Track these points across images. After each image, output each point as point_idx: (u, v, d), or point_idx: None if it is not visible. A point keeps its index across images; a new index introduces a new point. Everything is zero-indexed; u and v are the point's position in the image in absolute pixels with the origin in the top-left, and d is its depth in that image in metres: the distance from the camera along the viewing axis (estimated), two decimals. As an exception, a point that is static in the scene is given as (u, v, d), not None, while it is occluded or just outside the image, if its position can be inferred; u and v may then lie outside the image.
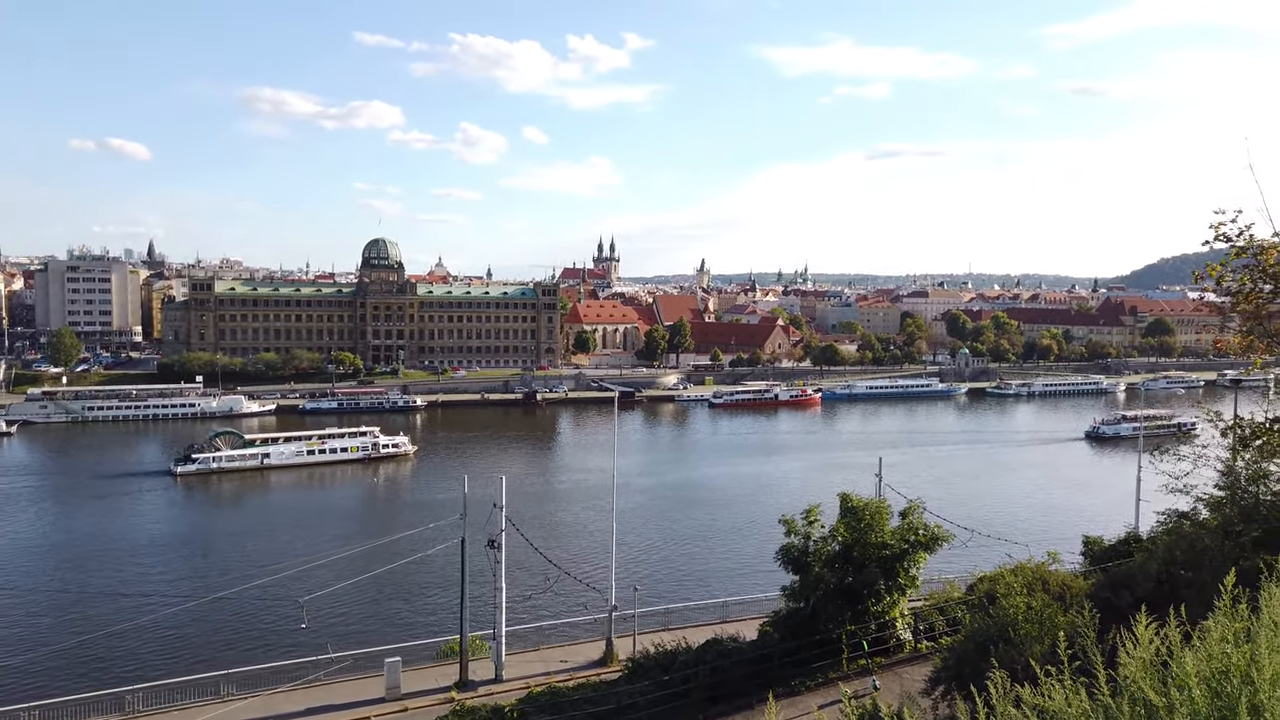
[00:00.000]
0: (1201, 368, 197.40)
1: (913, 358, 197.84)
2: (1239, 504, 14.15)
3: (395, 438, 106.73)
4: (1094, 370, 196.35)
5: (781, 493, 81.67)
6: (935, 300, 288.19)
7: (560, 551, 57.12)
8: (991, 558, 35.20)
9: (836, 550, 26.14)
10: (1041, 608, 14.50)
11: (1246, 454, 14.37)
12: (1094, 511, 68.93)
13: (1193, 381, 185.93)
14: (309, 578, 49.84)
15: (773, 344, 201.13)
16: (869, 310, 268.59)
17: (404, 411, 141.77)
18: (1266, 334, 13.41)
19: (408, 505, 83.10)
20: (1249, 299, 13.07)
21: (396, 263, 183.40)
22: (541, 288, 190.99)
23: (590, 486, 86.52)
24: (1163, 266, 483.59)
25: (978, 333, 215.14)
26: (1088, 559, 29.12)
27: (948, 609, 26.92)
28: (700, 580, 58.15)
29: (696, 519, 75.65)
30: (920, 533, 25.95)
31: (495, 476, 42.51)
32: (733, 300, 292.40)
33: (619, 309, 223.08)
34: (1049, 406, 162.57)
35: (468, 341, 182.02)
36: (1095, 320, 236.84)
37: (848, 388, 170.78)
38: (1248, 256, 12.73)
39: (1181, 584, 11.85)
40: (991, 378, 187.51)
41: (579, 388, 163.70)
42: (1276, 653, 4.27)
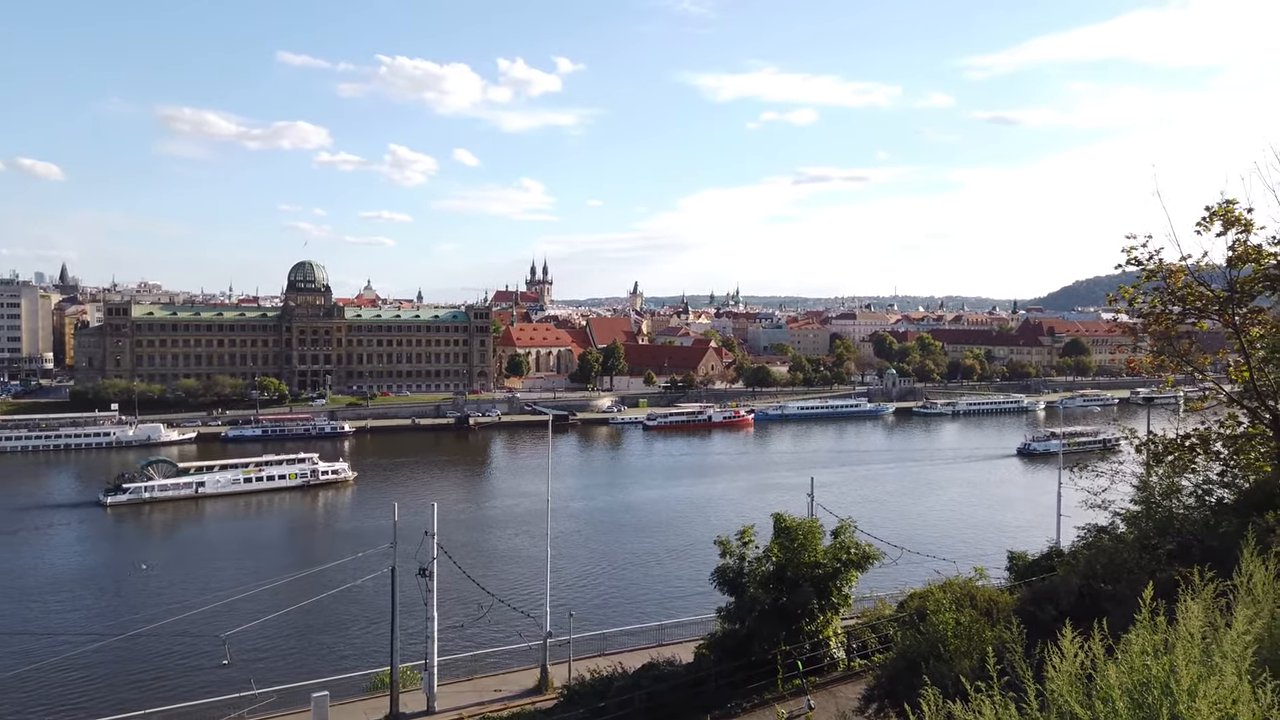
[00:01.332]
0: (1116, 386, 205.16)
1: (842, 378, 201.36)
2: (1154, 518, 14.66)
3: (334, 464, 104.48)
4: (1015, 389, 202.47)
5: (716, 514, 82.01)
6: (863, 322, 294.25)
7: (494, 579, 56.26)
8: (921, 574, 35.82)
9: (771, 571, 26.28)
10: (970, 623, 14.77)
11: (1160, 469, 14.91)
12: (1018, 527, 70.85)
13: (1108, 399, 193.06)
14: (232, 611, 48.04)
15: (706, 366, 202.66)
16: (799, 332, 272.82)
17: (331, 438, 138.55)
18: (1176, 354, 13.99)
19: (339, 534, 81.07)
20: (1159, 320, 13.64)
21: (323, 286, 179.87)
22: (474, 311, 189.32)
23: (524, 511, 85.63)
24: (1078, 289, 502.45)
25: (904, 353, 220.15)
26: (1012, 574, 29.85)
27: (880, 627, 27.27)
28: (636, 604, 57.87)
29: (632, 542, 75.39)
30: (852, 551, 26.27)
31: (427, 503, 41.73)
32: (666, 323, 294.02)
33: (552, 332, 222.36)
34: (973, 425, 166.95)
35: (398, 366, 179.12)
36: (1015, 341, 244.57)
37: (779, 408, 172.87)
38: (1158, 279, 13.31)
39: (1102, 597, 12.19)
40: (918, 397, 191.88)
41: (512, 411, 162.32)
42: (1194, 663, 4.39)
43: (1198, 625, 4.67)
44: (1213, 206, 12.52)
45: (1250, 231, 12.45)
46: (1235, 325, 12.77)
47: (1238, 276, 12.74)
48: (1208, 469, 14.38)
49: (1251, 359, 12.83)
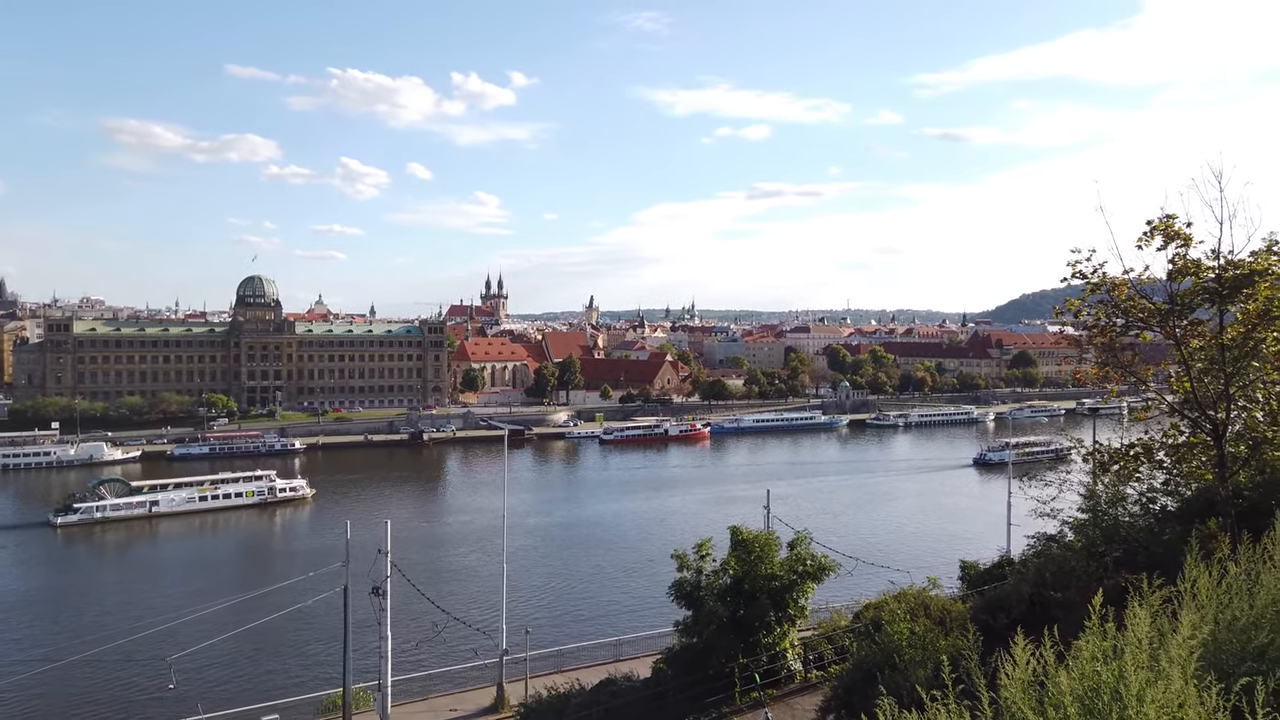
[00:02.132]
0: (1062, 397, 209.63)
1: (797, 391, 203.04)
2: (1101, 526, 14.99)
3: (293, 481, 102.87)
4: (965, 401, 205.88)
5: (673, 527, 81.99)
6: (817, 335, 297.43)
7: (449, 596, 55.57)
8: (876, 585, 36.19)
9: (728, 584, 26.30)
10: (924, 633, 14.91)
11: (1106, 479, 15.26)
12: (970, 537, 71.85)
13: (1055, 410, 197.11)
14: (179, 634, 46.75)
15: (662, 379, 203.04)
16: (754, 345, 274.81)
17: (281, 455, 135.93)
18: (1120, 365, 14.36)
19: (294, 552, 79.51)
20: (1104, 332, 13.98)
21: (273, 300, 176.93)
22: (428, 325, 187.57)
23: (479, 527, 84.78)
24: (1025, 301, 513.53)
25: (857, 366, 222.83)
26: (965, 583, 30.23)
27: (836, 638, 27.42)
28: (594, 620, 57.54)
29: (589, 557, 75.03)
30: (808, 563, 26.40)
31: (381, 521, 41.10)
32: (622, 336, 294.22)
33: (508, 346, 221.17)
34: (925, 436, 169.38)
35: (350, 381, 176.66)
36: (965, 353, 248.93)
37: (735, 421, 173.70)
38: (1102, 292, 13.66)
39: (1053, 604, 12.41)
40: (871, 409, 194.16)
41: (467, 426, 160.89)
42: (1142, 669, 4.47)
43: (1145, 631, 4.76)
44: (1154, 222, 12.89)
45: (1189, 246, 12.83)
46: (1176, 337, 13.14)
47: (1178, 290, 13.12)
48: (1151, 478, 14.75)
49: (1191, 370, 13.20)
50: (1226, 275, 12.60)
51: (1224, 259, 12.62)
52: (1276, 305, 12.48)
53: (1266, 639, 5.35)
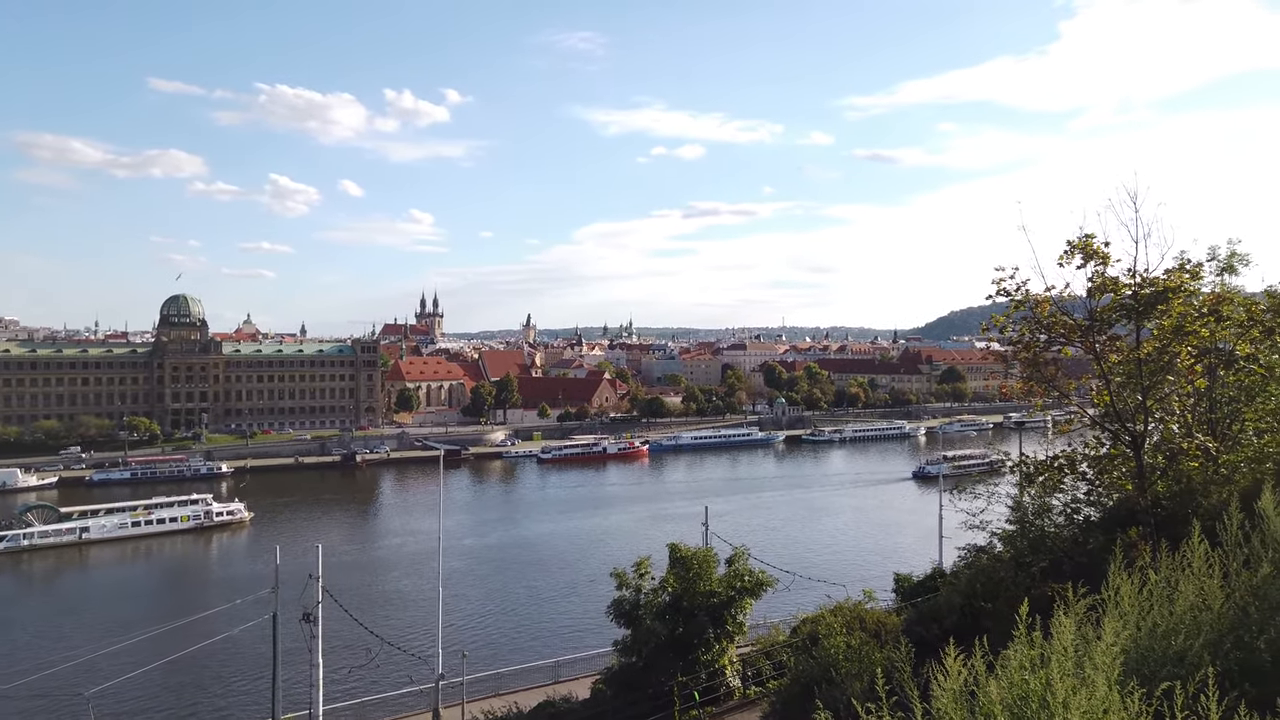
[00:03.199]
0: (990, 411, 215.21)
1: (734, 408, 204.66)
2: (1028, 537, 15.34)
3: (230, 504, 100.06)
4: (898, 416, 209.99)
5: (612, 546, 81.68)
6: (753, 352, 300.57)
7: (383, 622, 54.39)
8: (813, 599, 36.51)
9: (667, 601, 26.25)
10: (860, 645, 15.06)
11: (1032, 490, 15.65)
12: (904, 550, 73.16)
13: (983, 424, 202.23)
14: (98, 668, 44.84)
15: (600, 397, 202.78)
16: (692, 363, 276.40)
17: (207, 479, 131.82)
18: (1043, 379, 14.80)
19: (226, 579, 76.96)
20: (1027, 348, 14.40)
21: (199, 320, 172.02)
22: (361, 344, 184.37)
23: (414, 550, 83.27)
24: (953, 318, 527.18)
25: (793, 383, 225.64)
26: (899, 595, 30.70)
27: (774, 653, 27.54)
28: (532, 641, 56.89)
29: (527, 578, 74.23)
30: (746, 579, 26.50)
31: (311, 545, 40.08)
32: (560, 355, 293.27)
33: (444, 365, 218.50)
34: (859, 451, 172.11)
35: (280, 402, 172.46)
36: (896, 369, 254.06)
37: (674, 439, 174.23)
38: (1025, 309, 14.09)
39: (983, 615, 12.64)
40: (807, 425, 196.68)
41: (402, 447, 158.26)
42: (1068, 676, 4.57)
43: (1070, 639, 4.87)
44: (1074, 241, 13.35)
45: (1108, 264, 13.31)
46: (1096, 352, 13.60)
47: (1097, 306, 13.60)
48: (1075, 488, 15.17)
49: (1111, 384, 13.66)
50: (1142, 292, 13.10)
51: (1140, 277, 13.13)
52: (1189, 321, 13.01)
53: (1185, 643, 5.52)
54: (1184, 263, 13.35)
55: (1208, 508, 11.27)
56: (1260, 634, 5.93)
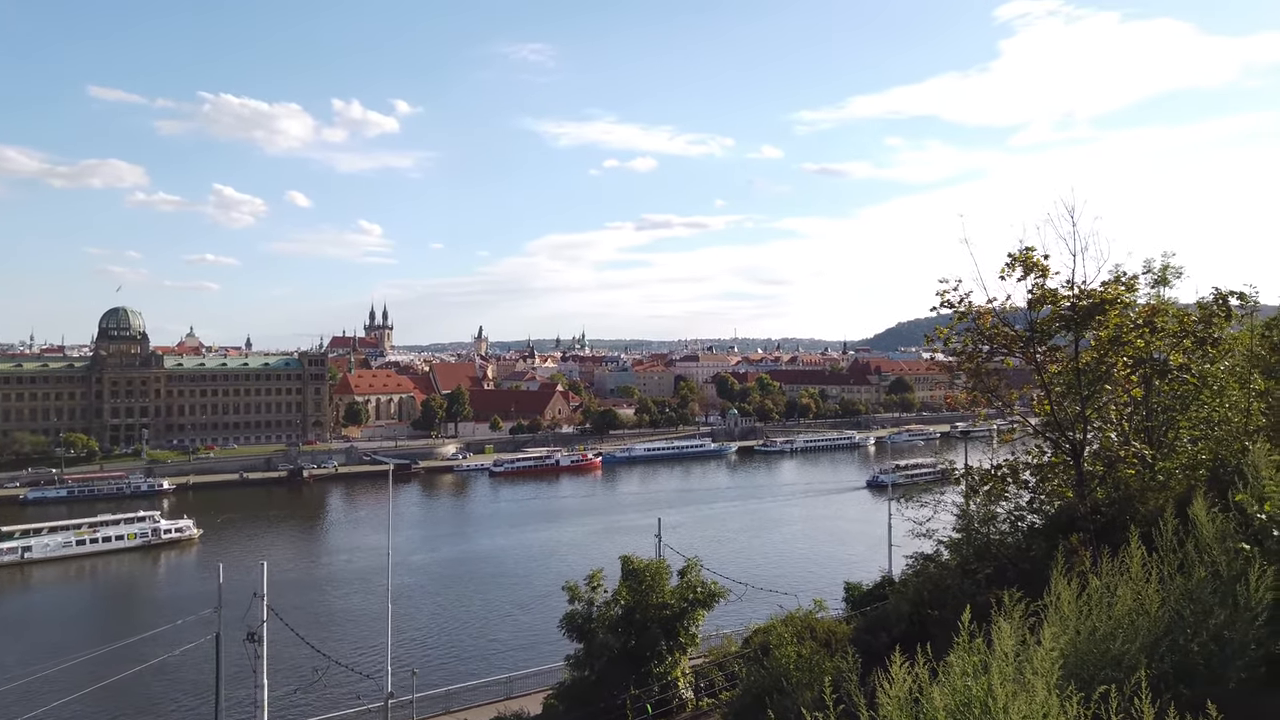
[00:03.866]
0: (937, 421, 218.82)
1: (687, 419, 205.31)
2: (974, 544, 15.59)
3: (179, 521, 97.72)
4: (848, 426, 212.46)
5: (565, 559, 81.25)
6: (706, 364, 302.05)
7: (331, 640, 53.39)
8: (765, 609, 36.64)
9: (620, 614, 26.17)
10: (810, 655, 15.13)
11: (977, 498, 15.92)
12: (855, 558, 73.87)
13: (931, 434, 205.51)
14: (32, 694, 43.26)
15: (553, 410, 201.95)
16: (645, 375, 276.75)
17: (148, 496, 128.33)
18: (986, 390, 15.08)
19: (171, 598, 74.88)
20: (971, 359, 14.68)
21: (139, 334, 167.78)
22: (308, 358, 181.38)
23: (363, 567, 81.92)
24: (901, 330, 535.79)
25: (745, 394, 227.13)
26: (849, 604, 30.96)
27: (726, 664, 27.58)
28: (484, 657, 56.28)
29: (478, 593, 73.45)
30: (698, 590, 26.55)
31: (256, 563, 39.20)
32: (512, 367, 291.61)
33: (393, 378, 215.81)
34: (811, 461, 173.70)
35: (224, 417, 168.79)
36: (846, 380, 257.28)
37: (627, 451, 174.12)
38: (968, 320, 14.36)
39: (930, 623, 12.80)
40: (759, 436, 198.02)
41: (350, 462, 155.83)
42: (1008, 681, 4.64)
43: (1011, 645, 4.95)
44: (1014, 253, 13.66)
45: (1047, 276, 13.64)
46: (1037, 363, 13.92)
47: (1037, 318, 13.92)
48: (1019, 496, 15.47)
49: (1051, 393, 13.98)
50: (1080, 304, 13.44)
51: (1078, 289, 13.47)
52: (1125, 332, 13.38)
53: (1122, 647, 5.65)
54: (1120, 275, 13.75)
55: (1145, 514, 11.56)
56: (1194, 637, 6.09)
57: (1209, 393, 13.85)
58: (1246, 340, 15.85)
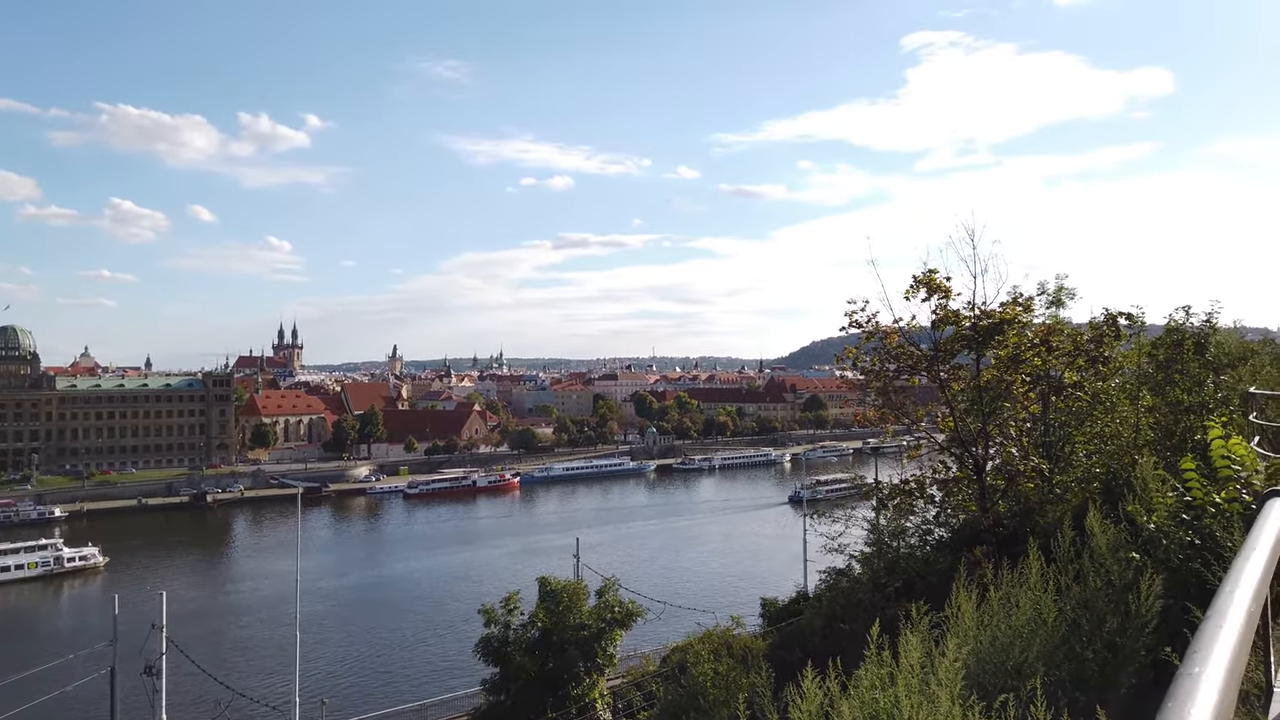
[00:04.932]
0: (850, 437, 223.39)
1: (606, 438, 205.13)
2: (884, 558, 15.98)
3: (83, 549, 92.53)
4: (764, 443, 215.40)
5: (482, 582, 79.96)
6: (624, 382, 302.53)
7: (235, 672, 51.30)
8: (684, 627, 36.71)
9: (536, 636, 25.91)
10: (727, 672, 15.25)
11: (887, 513, 16.33)
12: (772, 574, 74.67)
13: (844, 450, 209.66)
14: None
15: (470, 429, 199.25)
16: (563, 393, 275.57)
17: (38, 525, 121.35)
18: (894, 407, 15.52)
19: (66, 631, 70.91)
20: (879, 377, 15.11)
21: (29, 353, 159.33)
22: (212, 378, 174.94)
23: (269, 595, 79.07)
24: (814, 348, 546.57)
25: (663, 412, 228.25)
26: (765, 620, 31.29)
27: (644, 684, 27.54)
28: (397, 685, 54.84)
29: (391, 619, 71.65)
30: (616, 610, 26.50)
31: (155, 593, 37.46)
32: (428, 386, 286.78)
33: (303, 399, 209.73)
34: (729, 478, 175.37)
35: (121, 440, 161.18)
36: (762, 398, 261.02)
37: (545, 470, 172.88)
38: (875, 340, 14.79)
39: (842, 636, 13.03)
40: (678, 454, 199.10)
41: (257, 485, 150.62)
42: (914, 693, 4.75)
43: (917, 657, 5.07)
44: (918, 275, 14.13)
45: (949, 298, 14.15)
46: (941, 381, 14.40)
47: (941, 337, 14.41)
48: (926, 511, 15.94)
49: (955, 410, 14.47)
50: (981, 324, 13.97)
51: (979, 309, 14.01)
52: (1023, 351, 13.95)
53: (1021, 656, 5.83)
54: (1017, 296, 14.36)
55: (1044, 525, 12.02)
56: (1089, 645, 6.33)
57: (1101, 409, 14.53)
58: (1135, 358, 16.70)
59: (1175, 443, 13.35)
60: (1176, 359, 15.38)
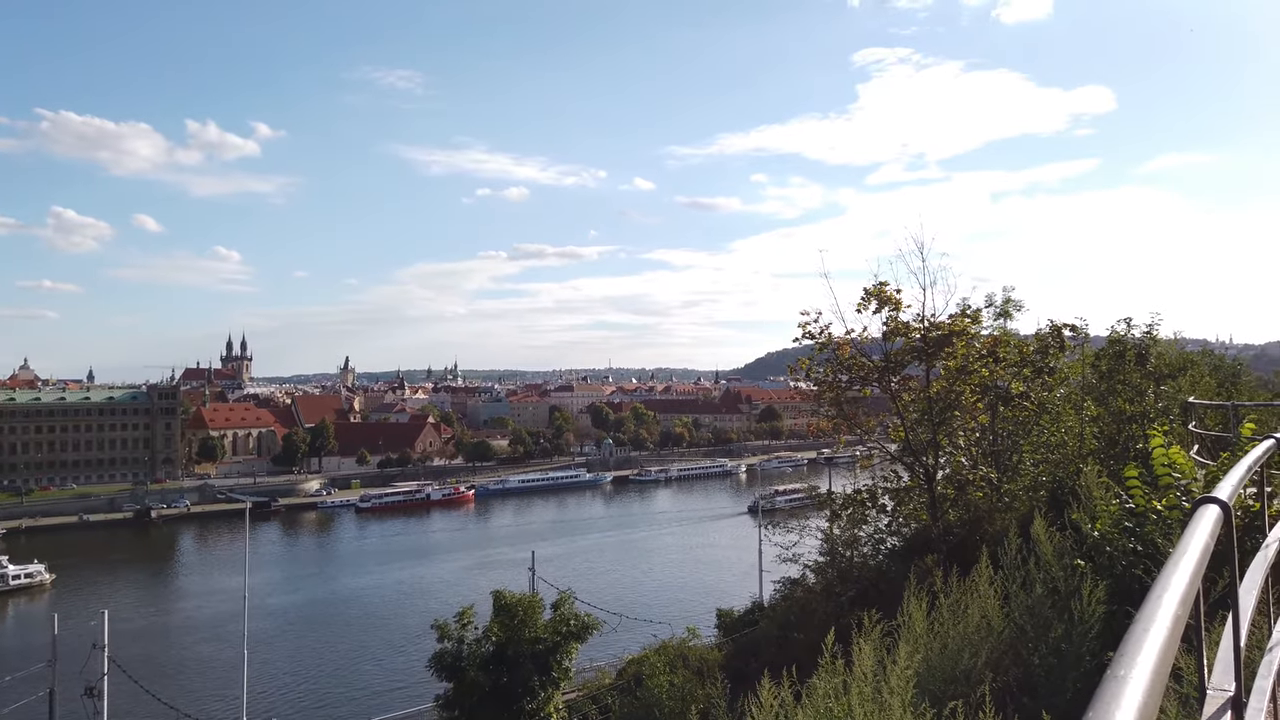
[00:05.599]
0: (805, 448, 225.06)
1: (562, 450, 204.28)
2: (838, 567, 16.14)
3: (29, 566, 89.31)
4: (720, 454, 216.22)
5: (435, 597, 78.94)
6: (580, 394, 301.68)
7: (181, 692, 49.97)
8: (640, 640, 36.61)
9: (490, 651, 25.59)
10: (683, 683, 15.25)
11: (841, 522, 16.50)
12: (728, 585, 74.89)
13: (799, 460, 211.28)
14: None
15: (424, 442, 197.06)
16: (519, 405, 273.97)
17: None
18: (846, 417, 15.71)
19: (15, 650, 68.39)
20: (832, 388, 15.29)
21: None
22: (158, 391, 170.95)
23: (216, 613, 77.18)
24: (769, 359, 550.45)
25: (619, 424, 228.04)
26: (721, 630, 31.35)
27: (600, 697, 27.42)
28: (348, 703, 53.88)
29: (342, 636, 70.42)
30: (572, 623, 26.27)
31: (98, 611, 36.40)
32: (381, 399, 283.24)
33: (252, 412, 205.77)
34: (685, 489, 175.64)
35: (62, 455, 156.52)
36: (718, 409, 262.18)
37: (501, 483, 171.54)
38: (828, 351, 14.97)
39: (797, 646, 13.10)
40: (634, 465, 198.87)
41: (204, 500, 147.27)
42: (867, 701, 4.79)
43: (870, 665, 5.12)
44: (869, 288, 14.34)
45: (900, 310, 14.38)
46: (892, 391, 14.61)
47: (892, 348, 14.63)
48: (878, 520, 16.13)
49: (906, 420, 14.68)
50: (930, 336, 14.22)
51: (928, 321, 14.25)
52: (971, 362, 14.21)
53: (970, 662, 5.93)
54: (966, 308, 14.64)
55: (992, 533, 12.24)
56: (1035, 650, 6.45)
57: (1047, 418, 14.85)
58: (1079, 369, 17.11)
59: (1118, 451, 13.70)
60: (1119, 370, 15.79)
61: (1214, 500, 2.47)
